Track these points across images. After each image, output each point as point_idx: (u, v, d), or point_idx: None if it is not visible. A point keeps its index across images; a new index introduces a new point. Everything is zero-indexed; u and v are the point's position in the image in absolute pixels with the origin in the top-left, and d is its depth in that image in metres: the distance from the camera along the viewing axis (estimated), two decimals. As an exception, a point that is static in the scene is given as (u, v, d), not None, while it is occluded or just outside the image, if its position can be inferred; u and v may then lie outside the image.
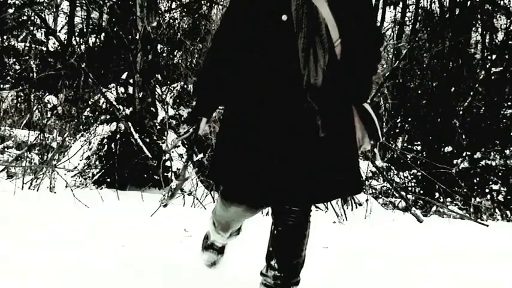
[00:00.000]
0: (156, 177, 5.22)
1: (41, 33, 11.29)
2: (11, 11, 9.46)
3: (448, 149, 8.19)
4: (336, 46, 1.76)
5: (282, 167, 1.73)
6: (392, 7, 13.65)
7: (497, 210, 7.09)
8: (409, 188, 7.26)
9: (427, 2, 12.18)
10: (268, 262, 1.91)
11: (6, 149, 6.45)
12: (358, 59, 1.80)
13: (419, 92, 9.73)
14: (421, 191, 7.41)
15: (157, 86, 5.99)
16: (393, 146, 8.31)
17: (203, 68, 1.99)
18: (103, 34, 9.50)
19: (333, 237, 3.16)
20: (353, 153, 1.85)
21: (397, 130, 9.55)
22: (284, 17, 1.73)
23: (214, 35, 2.01)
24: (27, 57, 10.25)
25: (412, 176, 7.76)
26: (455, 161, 7.80)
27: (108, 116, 5.85)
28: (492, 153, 7.82)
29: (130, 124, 5.58)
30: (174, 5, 8.58)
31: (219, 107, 2.10)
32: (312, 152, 1.73)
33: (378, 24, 11.52)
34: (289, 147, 1.73)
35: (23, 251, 2.25)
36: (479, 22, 9.60)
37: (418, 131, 8.99)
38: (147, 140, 5.63)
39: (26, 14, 10.00)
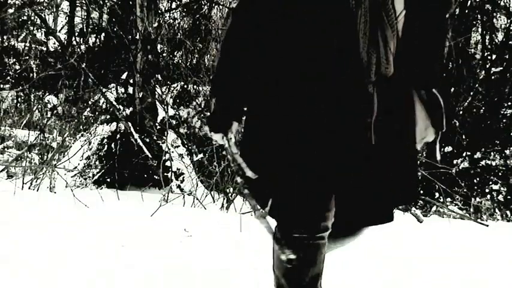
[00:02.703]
0: (156, 177, 5.22)
1: (41, 33, 11.29)
2: (11, 11, 9.46)
3: (448, 149, 8.19)
4: (399, 20, 1.38)
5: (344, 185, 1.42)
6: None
7: (497, 210, 7.09)
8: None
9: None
10: None
11: (6, 149, 6.46)
12: (427, 34, 1.45)
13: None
14: (421, 191, 7.41)
15: (157, 86, 6.00)
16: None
17: (226, 53, 1.50)
18: (103, 34, 9.50)
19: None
20: (414, 155, 1.56)
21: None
22: None
23: (238, 11, 1.52)
24: (27, 57, 10.26)
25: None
26: (455, 161, 7.80)
27: (108, 116, 5.86)
28: (492, 153, 7.82)
29: (130, 124, 5.58)
30: (174, 5, 8.58)
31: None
32: (371, 164, 1.41)
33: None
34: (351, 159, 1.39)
35: (23, 251, 2.25)
36: (479, 22, 9.59)
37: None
38: (147, 140, 5.64)
39: (26, 14, 10.00)
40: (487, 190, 7.56)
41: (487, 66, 8.79)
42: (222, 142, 1.51)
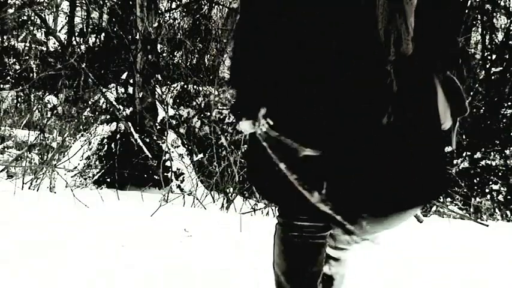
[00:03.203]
0: (156, 177, 5.22)
1: (41, 33, 11.29)
2: (11, 11, 9.46)
3: (448, 149, 8.19)
4: None
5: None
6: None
7: (497, 210, 7.09)
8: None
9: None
10: None
11: (6, 149, 6.46)
12: (442, 11, 1.39)
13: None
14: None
15: (157, 86, 6.00)
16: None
17: (242, 40, 1.42)
18: (103, 34, 9.50)
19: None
20: (439, 138, 1.47)
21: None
22: None
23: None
24: (27, 57, 10.26)
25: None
26: (455, 161, 7.80)
27: (108, 116, 5.86)
28: (492, 153, 7.82)
29: (130, 124, 5.58)
30: (174, 5, 8.58)
31: None
32: (396, 152, 1.34)
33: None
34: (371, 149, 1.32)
35: (22, 251, 2.25)
36: (479, 22, 9.59)
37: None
38: (147, 140, 5.64)
39: (26, 14, 10.00)
40: (487, 190, 7.56)
41: (487, 66, 8.79)
42: (253, 129, 1.37)
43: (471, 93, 8.51)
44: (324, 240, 1.49)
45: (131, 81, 5.90)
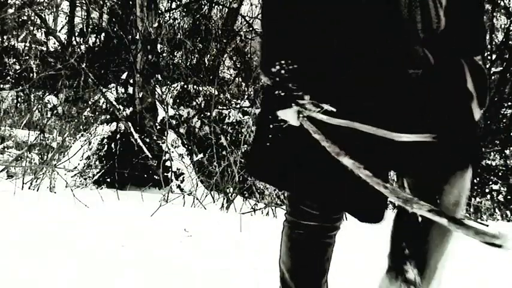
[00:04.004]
0: (156, 177, 5.22)
1: (41, 33, 11.29)
2: (11, 11, 9.46)
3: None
4: None
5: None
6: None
7: (497, 210, 7.09)
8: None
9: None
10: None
11: (6, 149, 6.46)
12: None
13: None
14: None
15: (157, 86, 6.00)
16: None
17: (278, 27, 1.31)
18: (103, 34, 9.50)
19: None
20: (473, 119, 1.36)
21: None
22: None
23: None
24: (27, 57, 10.26)
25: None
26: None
27: (108, 116, 5.86)
28: (492, 153, 7.82)
29: (130, 124, 5.58)
30: (174, 5, 8.58)
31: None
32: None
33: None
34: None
35: (22, 251, 2.25)
36: (479, 22, 9.59)
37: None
38: (147, 140, 5.64)
39: (26, 14, 10.00)
40: (487, 190, 7.56)
41: (487, 66, 8.79)
42: (297, 121, 1.23)
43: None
44: (331, 240, 1.49)
45: (131, 81, 5.91)
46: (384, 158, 1.26)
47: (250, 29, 8.99)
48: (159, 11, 6.75)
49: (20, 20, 10.44)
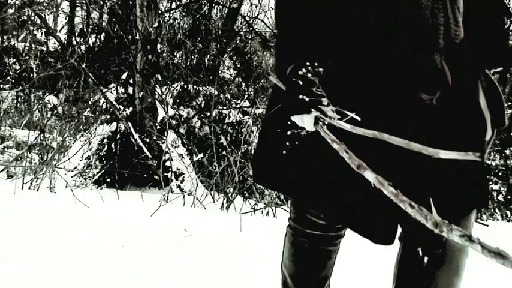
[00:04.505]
0: (156, 177, 5.22)
1: (41, 33, 11.29)
2: (11, 11, 9.46)
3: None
4: None
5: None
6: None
7: (497, 210, 7.09)
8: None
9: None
10: None
11: (6, 149, 6.46)
12: None
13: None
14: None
15: (157, 86, 6.00)
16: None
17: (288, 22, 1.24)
18: (103, 34, 9.50)
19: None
20: (482, 148, 1.26)
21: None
22: None
23: None
24: (27, 57, 10.26)
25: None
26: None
27: (108, 116, 5.86)
28: (492, 153, 7.82)
29: (130, 124, 5.58)
30: (174, 5, 8.58)
31: None
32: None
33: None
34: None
35: (22, 251, 2.25)
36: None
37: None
38: (147, 140, 5.64)
39: (26, 14, 10.00)
40: (487, 190, 7.57)
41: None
42: (313, 127, 1.13)
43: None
44: (335, 247, 1.47)
45: (131, 81, 5.91)
46: (411, 176, 1.14)
47: (250, 29, 8.99)
48: (159, 11, 6.75)
49: (20, 20, 10.45)
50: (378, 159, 1.01)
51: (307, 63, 1.12)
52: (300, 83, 1.12)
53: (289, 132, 1.17)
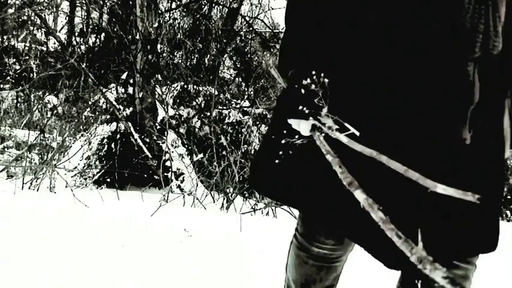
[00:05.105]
0: (156, 177, 5.22)
1: (41, 33, 11.29)
2: (11, 11, 9.47)
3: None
4: None
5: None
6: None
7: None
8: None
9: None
10: None
11: (6, 149, 6.46)
12: None
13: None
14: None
15: (157, 86, 6.00)
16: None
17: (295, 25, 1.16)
18: (103, 34, 9.51)
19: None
20: (501, 177, 1.15)
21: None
22: None
23: None
24: (27, 57, 10.26)
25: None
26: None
27: (108, 116, 5.86)
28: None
29: (130, 124, 5.58)
30: (174, 5, 8.59)
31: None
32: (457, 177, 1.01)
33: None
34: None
35: (22, 251, 2.25)
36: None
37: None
38: (147, 140, 5.64)
39: (26, 14, 10.00)
40: (487, 190, 7.55)
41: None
42: (309, 133, 1.08)
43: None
44: (340, 262, 1.44)
45: (131, 81, 5.91)
46: (405, 205, 1.05)
47: (250, 29, 8.99)
48: (159, 11, 6.75)
49: (20, 20, 10.45)
50: (372, 180, 0.94)
51: (313, 72, 1.03)
52: (302, 91, 1.05)
53: (283, 141, 1.09)
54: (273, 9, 8.90)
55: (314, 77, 1.03)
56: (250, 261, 2.40)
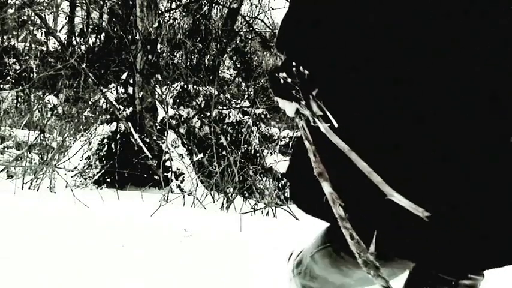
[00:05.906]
0: (156, 177, 5.22)
1: (41, 33, 11.29)
2: (11, 11, 9.47)
3: None
4: None
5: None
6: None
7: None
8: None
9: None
10: None
11: (6, 149, 6.46)
12: None
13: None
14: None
15: (157, 86, 6.00)
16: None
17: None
18: (103, 34, 9.51)
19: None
20: None
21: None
22: None
23: None
24: (27, 57, 10.26)
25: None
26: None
27: (108, 116, 5.87)
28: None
29: (130, 124, 5.58)
30: (174, 5, 8.59)
31: None
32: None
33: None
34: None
35: (22, 251, 2.25)
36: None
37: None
38: (147, 140, 5.64)
39: (26, 14, 10.01)
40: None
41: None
42: (293, 114, 1.03)
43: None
44: None
45: (131, 81, 5.91)
46: (366, 206, 0.98)
47: (250, 29, 8.99)
48: (159, 11, 6.75)
49: (20, 20, 10.45)
50: (340, 175, 0.90)
51: (294, 64, 0.99)
52: (281, 81, 0.99)
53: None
54: (273, 9, 8.91)
55: (293, 70, 0.99)
56: (250, 261, 2.40)
